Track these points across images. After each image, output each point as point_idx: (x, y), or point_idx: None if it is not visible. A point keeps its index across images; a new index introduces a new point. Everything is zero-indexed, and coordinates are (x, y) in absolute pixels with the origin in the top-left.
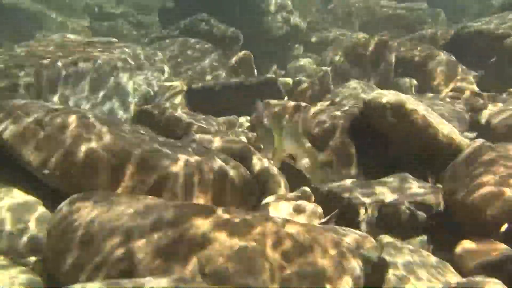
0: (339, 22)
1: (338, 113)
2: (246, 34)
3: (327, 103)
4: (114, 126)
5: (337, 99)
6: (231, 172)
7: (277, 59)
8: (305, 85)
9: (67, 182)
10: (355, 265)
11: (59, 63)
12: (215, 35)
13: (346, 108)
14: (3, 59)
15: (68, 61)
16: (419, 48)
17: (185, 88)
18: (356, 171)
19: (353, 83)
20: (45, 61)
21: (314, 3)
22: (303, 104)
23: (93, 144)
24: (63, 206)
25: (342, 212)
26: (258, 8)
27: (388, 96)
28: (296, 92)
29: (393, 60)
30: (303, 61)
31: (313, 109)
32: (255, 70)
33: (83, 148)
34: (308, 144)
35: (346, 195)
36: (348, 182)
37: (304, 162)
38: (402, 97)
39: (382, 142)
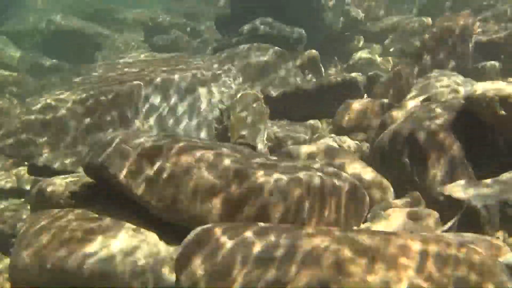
0: (395, 7)
1: (438, 110)
2: (305, 30)
3: (420, 99)
4: (218, 149)
5: (427, 94)
6: (342, 184)
7: (337, 52)
8: (385, 80)
9: (179, 213)
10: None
11: (139, 84)
12: (279, 37)
13: (446, 104)
14: (83, 87)
15: (147, 82)
16: (497, 28)
17: (261, 96)
18: (466, 170)
19: (436, 74)
20: (125, 85)
21: None
22: (387, 101)
23: (204, 172)
24: (191, 238)
25: (461, 216)
26: (317, 3)
27: (493, 87)
28: (376, 89)
29: (471, 43)
30: (366, 53)
31: (406, 107)
32: (322, 69)
33: (194, 177)
34: None
35: (464, 197)
36: (461, 183)
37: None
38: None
39: (490, 137)
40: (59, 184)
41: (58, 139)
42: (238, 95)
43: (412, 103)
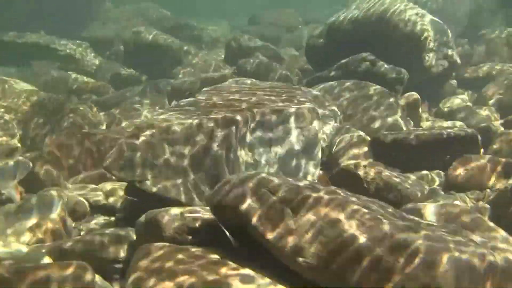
0: (494, 53)
1: None
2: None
3: None
4: (368, 205)
5: None
6: (498, 261)
7: (428, 95)
8: (503, 137)
9: (328, 274)
10: None
11: (247, 117)
12: (379, 76)
13: None
14: (192, 111)
15: (257, 112)
16: None
17: (367, 138)
18: None
19: None
20: (234, 115)
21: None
22: None
23: (357, 231)
24: None
25: None
26: (419, 45)
27: None
28: (494, 145)
29: None
30: (463, 100)
31: None
32: (421, 113)
33: (349, 236)
34: None
35: None
36: None
37: None
38: None
39: None
40: (177, 217)
41: (167, 164)
42: (341, 136)
43: None
